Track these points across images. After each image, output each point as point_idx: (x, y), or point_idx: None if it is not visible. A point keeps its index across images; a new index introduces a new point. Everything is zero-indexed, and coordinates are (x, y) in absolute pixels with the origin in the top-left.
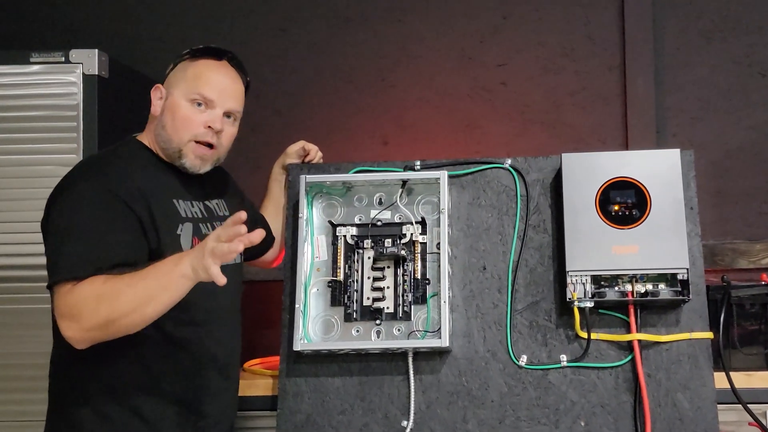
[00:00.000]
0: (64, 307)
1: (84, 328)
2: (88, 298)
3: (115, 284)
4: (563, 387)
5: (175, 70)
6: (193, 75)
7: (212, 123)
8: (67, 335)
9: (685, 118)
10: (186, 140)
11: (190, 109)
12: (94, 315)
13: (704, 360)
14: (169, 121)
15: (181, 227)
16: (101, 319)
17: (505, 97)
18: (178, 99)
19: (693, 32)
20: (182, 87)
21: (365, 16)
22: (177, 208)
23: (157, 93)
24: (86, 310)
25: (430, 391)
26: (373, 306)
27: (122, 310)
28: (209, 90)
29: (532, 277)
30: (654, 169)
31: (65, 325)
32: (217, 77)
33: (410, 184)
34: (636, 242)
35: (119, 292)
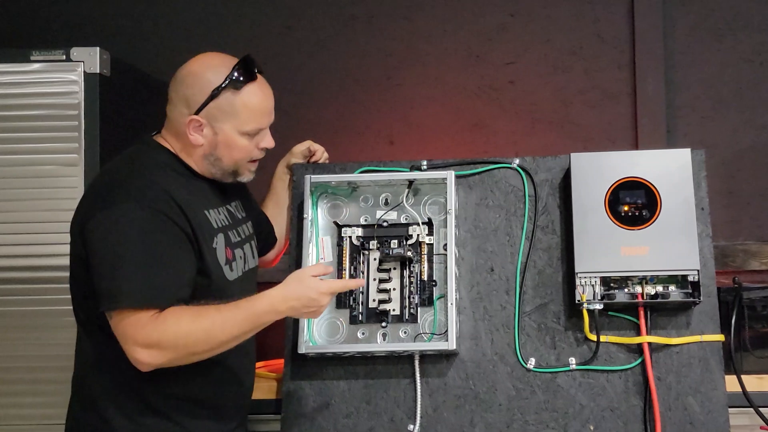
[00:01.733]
0: (145, 337)
1: (164, 359)
2: (177, 334)
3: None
4: (572, 390)
5: (216, 103)
6: (243, 108)
7: (267, 144)
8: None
9: (695, 117)
10: (244, 161)
11: (246, 140)
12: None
13: (715, 363)
14: (227, 154)
15: (216, 240)
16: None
17: (513, 96)
18: (232, 134)
19: (704, 30)
20: (234, 122)
21: (372, 14)
22: (209, 219)
23: (194, 124)
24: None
25: (436, 395)
26: (379, 308)
27: (213, 347)
28: (263, 121)
29: (540, 278)
30: (664, 169)
31: (144, 354)
32: (264, 104)
33: (417, 184)
34: (646, 243)
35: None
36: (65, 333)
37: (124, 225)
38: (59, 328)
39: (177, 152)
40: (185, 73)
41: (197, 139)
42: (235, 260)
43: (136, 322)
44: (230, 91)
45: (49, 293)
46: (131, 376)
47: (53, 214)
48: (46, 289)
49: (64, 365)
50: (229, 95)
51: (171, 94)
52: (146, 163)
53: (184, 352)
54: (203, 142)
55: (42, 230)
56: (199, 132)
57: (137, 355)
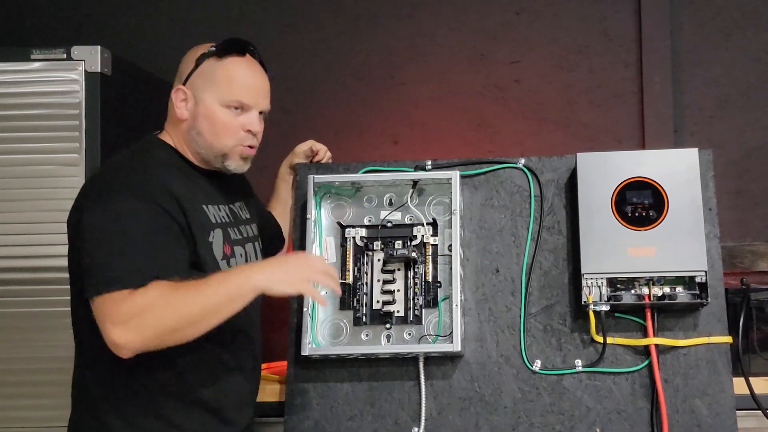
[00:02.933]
0: (120, 315)
1: (143, 336)
2: (152, 306)
3: (182, 292)
4: (578, 393)
5: (199, 71)
6: (225, 78)
7: (251, 126)
8: (118, 342)
9: (703, 117)
10: (230, 146)
11: (228, 115)
12: (158, 323)
13: (723, 365)
14: (207, 128)
15: (212, 234)
16: (165, 327)
17: (518, 95)
18: (212, 105)
19: (711, 28)
20: (214, 92)
21: (375, 12)
22: (207, 213)
23: (180, 95)
24: (149, 318)
25: (441, 397)
26: (383, 309)
27: (190, 319)
28: (246, 96)
29: (546, 279)
30: (671, 169)
31: (119, 333)
32: (250, 79)
33: (421, 185)
34: (653, 244)
35: (187, 301)
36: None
37: (118, 216)
38: (60, 329)
39: (177, 147)
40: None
41: (182, 112)
42: (234, 257)
43: (112, 301)
44: (213, 58)
45: (50, 294)
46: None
47: (54, 214)
48: (47, 290)
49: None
50: (211, 62)
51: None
52: (146, 159)
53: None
54: (186, 116)
55: (42, 231)
56: (184, 104)
57: (113, 335)
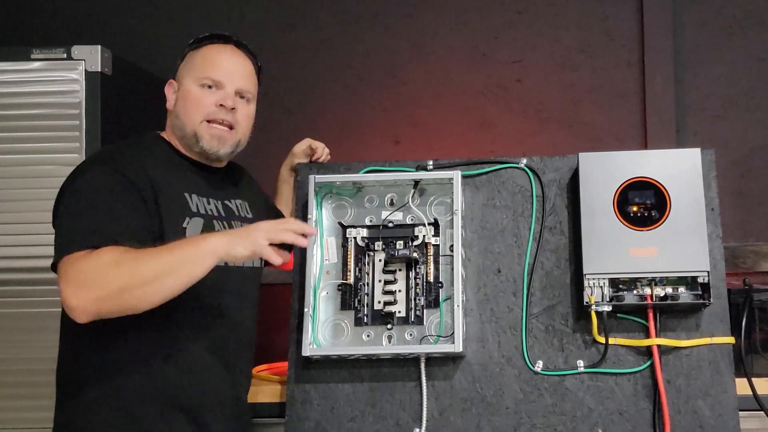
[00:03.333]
0: (75, 273)
1: (95, 295)
2: (105, 263)
3: (137, 253)
4: (580, 393)
5: (183, 62)
6: (201, 60)
7: (223, 101)
8: (71, 304)
9: (705, 116)
10: (198, 121)
11: (200, 91)
12: (110, 281)
13: (725, 366)
14: (182, 107)
15: (188, 220)
16: (118, 285)
17: (520, 95)
18: (188, 86)
19: (714, 28)
20: (191, 74)
21: (376, 11)
22: (188, 201)
23: (171, 88)
24: (102, 275)
25: (443, 398)
26: (385, 310)
27: (142, 277)
28: (217, 71)
29: (548, 280)
30: (674, 169)
31: (71, 292)
32: (224, 58)
33: (422, 185)
34: (655, 244)
35: (141, 261)
36: None
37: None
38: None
39: (173, 143)
40: None
41: (170, 103)
42: None
43: (68, 263)
44: (194, 48)
45: (50, 295)
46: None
47: None
48: (47, 291)
49: None
50: (193, 52)
51: None
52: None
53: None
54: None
55: (43, 231)
56: (173, 96)
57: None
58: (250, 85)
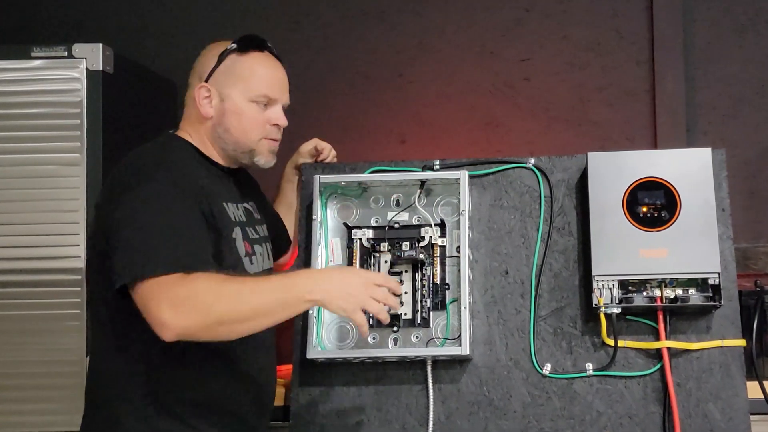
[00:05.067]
0: (173, 295)
1: (193, 322)
2: (206, 291)
3: (239, 287)
4: (589, 397)
5: (222, 67)
6: (250, 73)
7: (279, 120)
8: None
9: (716, 116)
10: (257, 139)
11: (255, 110)
12: (212, 312)
13: (736, 369)
14: (235, 123)
15: (235, 231)
16: (218, 317)
17: (528, 94)
18: (239, 100)
19: (725, 25)
20: (240, 87)
21: (382, 9)
22: (227, 211)
23: (204, 92)
24: (203, 304)
25: (449, 401)
26: (390, 312)
27: (242, 314)
28: (271, 90)
29: (556, 281)
30: (684, 169)
31: (170, 314)
32: (273, 73)
33: (429, 185)
34: (665, 245)
35: (242, 297)
36: (67, 338)
37: (150, 200)
38: (61, 332)
39: (197, 145)
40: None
41: (207, 110)
42: (255, 255)
43: (162, 283)
44: (235, 53)
45: (51, 297)
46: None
47: (55, 215)
48: (48, 293)
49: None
50: (234, 57)
51: (189, 80)
52: (170, 151)
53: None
54: (212, 113)
55: (43, 232)
56: (208, 102)
57: (163, 315)
58: (289, 96)
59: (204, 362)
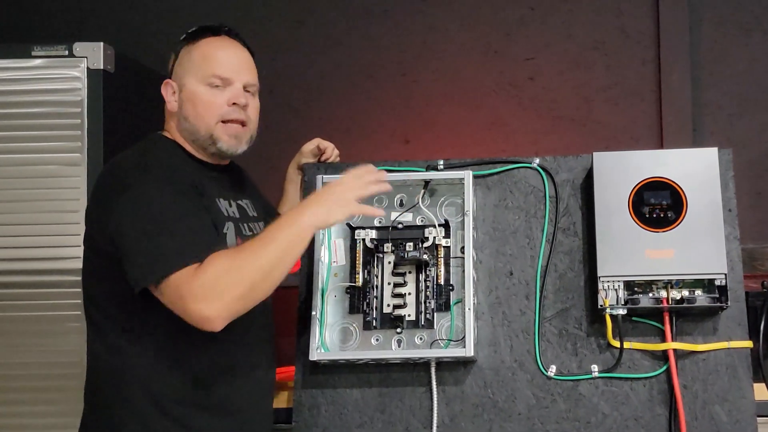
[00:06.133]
0: (196, 289)
1: (227, 301)
2: (225, 270)
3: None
4: (594, 399)
5: (179, 60)
6: (200, 57)
7: (236, 99)
8: (206, 315)
9: (723, 115)
10: (213, 123)
11: (208, 92)
12: (239, 284)
13: (743, 370)
14: (191, 110)
15: (226, 225)
16: (247, 285)
17: (533, 93)
18: (193, 87)
19: (731, 25)
20: (193, 73)
21: (386, 7)
22: (219, 206)
23: (169, 89)
24: (229, 281)
25: (453, 403)
26: (394, 313)
27: (264, 270)
28: (222, 68)
29: (561, 282)
30: (690, 169)
31: (202, 307)
32: (225, 53)
33: (433, 185)
34: (671, 246)
35: (256, 256)
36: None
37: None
38: (62, 334)
39: (181, 143)
40: None
41: (172, 105)
42: None
43: (181, 280)
44: (188, 44)
45: (51, 298)
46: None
47: (55, 215)
48: (48, 294)
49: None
50: (188, 48)
51: None
52: (157, 150)
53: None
54: (176, 106)
55: (43, 232)
56: (173, 97)
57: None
58: (254, 77)
59: (202, 364)
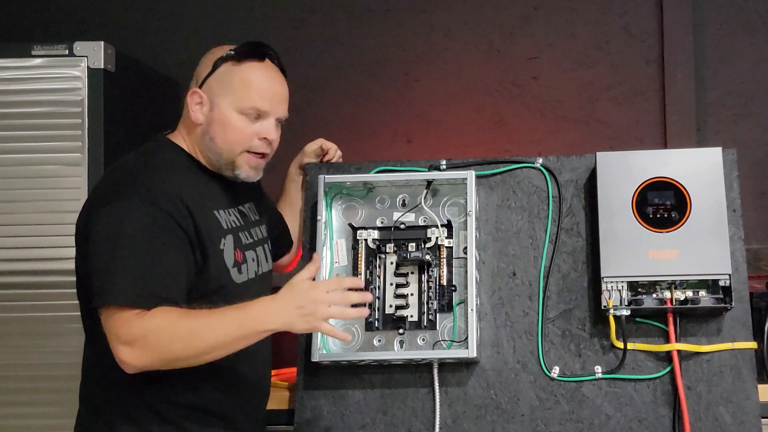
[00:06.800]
0: (127, 334)
1: (147, 359)
2: (160, 332)
3: (192, 322)
4: (598, 400)
5: (216, 75)
6: (242, 84)
7: (267, 134)
8: (123, 359)
9: (727, 115)
10: (238, 151)
11: (242, 121)
12: (165, 351)
13: (747, 372)
14: (220, 134)
15: (223, 241)
16: (172, 356)
17: (536, 93)
18: (227, 111)
19: (736, 23)
20: (231, 97)
21: (388, 6)
22: (219, 219)
23: (196, 98)
24: (156, 343)
25: (456, 405)
26: (396, 314)
27: (198, 350)
28: (262, 102)
29: (564, 283)
30: (694, 169)
31: (125, 351)
32: (268, 85)
33: (435, 185)
34: (675, 246)
35: (197, 335)
36: (68, 340)
37: (123, 221)
38: (62, 335)
39: (189, 149)
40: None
41: (197, 115)
42: (246, 262)
43: (120, 319)
44: (231, 62)
45: (51, 299)
46: (139, 384)
47: (55, 216)
48: (48, 295)
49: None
50: (228, 66)
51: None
52: (156, 161)
53: (165, 353)
54: (202, 120)
55: (44, 233)
56: (200, 108)
57: (120, 353)
58: (287, 110)
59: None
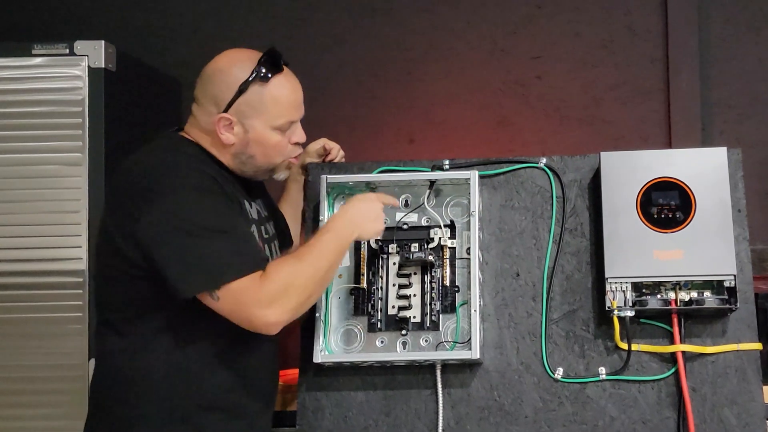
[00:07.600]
0: (267, 295)
1: (291, 308)
2: (291, 279)
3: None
4: (602, 401)
5: (245, 99)
6: (273, 102)
7: (299, 139)
8: (271, 321)
9: (732, 115)
10: (279, 162)
11: (278, 136)
12: (302, 294)
13: (753, 373)
14: (260, 152)
15: (254, 228)
16: (307, 293)
17: (539, 92)
18: (263, 130)
19: (740, 22)
20: (265, 117)
21: (391, 5)
22: (246, 208)
23: (224, 122)
24: (293, 292)
25: (459, 406)
26: (399, 315)
27: (323, 280)
28: (293, 113)
29: (568, 284)
30: (699, 169)
31: (267, 313)
32: (294, 96)
33: (438, 185)
34: (680, 247)
35: (314, 266)
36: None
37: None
38: (63, 336)
39: (207, 147)
40: (211, 71)
41: (228, 138)
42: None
43: (251, 288)
44: (258, 84)
45: (52, 299)
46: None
47: (56, 216)
48: (49, 295)
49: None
50: (257, 89)
51: (197, 93)
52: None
53: (302, 296)
54: (234, 141)
55: (44, 233)
56: (230, 130)
57: (266, 317)
58: None
59: (210, 367)
